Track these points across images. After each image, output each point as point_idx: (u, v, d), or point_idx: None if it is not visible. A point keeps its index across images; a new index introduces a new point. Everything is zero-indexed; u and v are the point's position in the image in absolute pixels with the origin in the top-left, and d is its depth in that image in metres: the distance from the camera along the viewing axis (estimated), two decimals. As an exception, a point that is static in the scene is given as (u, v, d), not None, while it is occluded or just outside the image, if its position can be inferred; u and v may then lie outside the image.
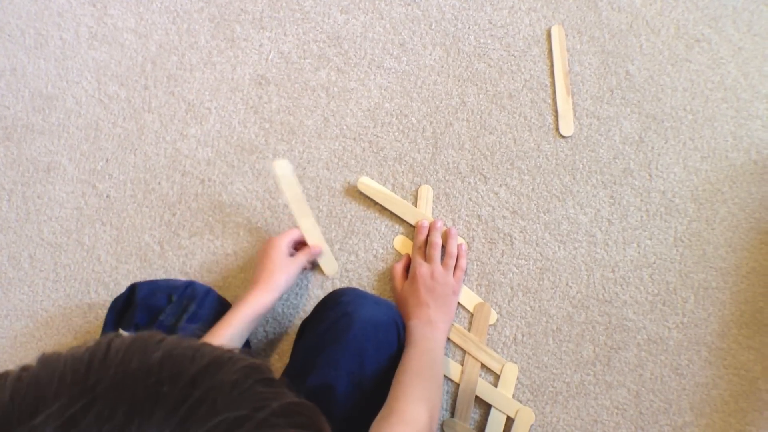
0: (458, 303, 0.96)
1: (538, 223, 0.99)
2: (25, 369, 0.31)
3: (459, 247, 0.97)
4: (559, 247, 0.98)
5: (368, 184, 1.00)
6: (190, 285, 0.87)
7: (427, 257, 0.96)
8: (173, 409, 0.29)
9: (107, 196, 1.02)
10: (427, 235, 0.97)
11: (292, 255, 0.92)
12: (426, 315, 0.89)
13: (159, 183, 1.02)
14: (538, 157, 1.00)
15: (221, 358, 0.33)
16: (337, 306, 0.83)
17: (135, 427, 0.28)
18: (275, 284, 0.86)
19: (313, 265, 0.98)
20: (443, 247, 0.97)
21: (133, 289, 0.84)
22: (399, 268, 0.96)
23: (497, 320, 0.96)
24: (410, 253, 0.98)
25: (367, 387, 0.79)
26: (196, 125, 1.03)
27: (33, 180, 1.04)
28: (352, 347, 0.79)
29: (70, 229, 1.02)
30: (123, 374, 0.29)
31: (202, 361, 0.32)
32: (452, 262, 0.96)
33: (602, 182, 1.00)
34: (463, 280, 0.97)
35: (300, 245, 0.95)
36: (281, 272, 0.87)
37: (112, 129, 1.05)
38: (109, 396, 0.28)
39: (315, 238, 0.94)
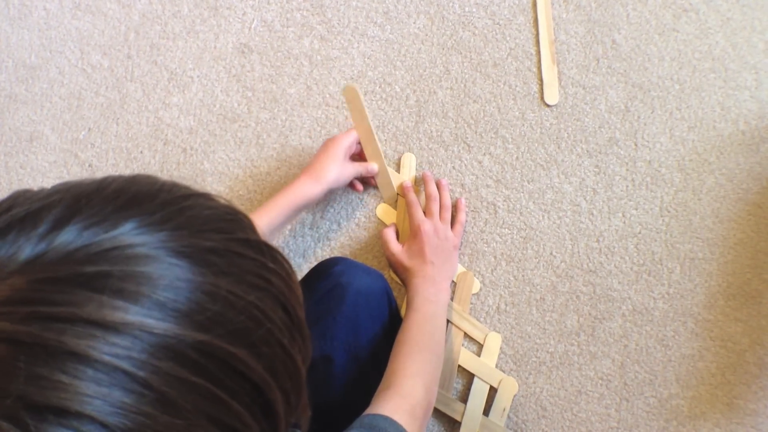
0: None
1: (522, 192, 0.98)
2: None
3: (458, 201, 0.96)
4: (543, 216, 0.97)
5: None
6: None
7: (426, 212, 0.93)
8: (166, 204, 0.35)
9: (89, 165, 1.02)
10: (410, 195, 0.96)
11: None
12: (430, 273, 0.88)
13: (141, 152, 1.02)
14: (523, 125, 0.99)
15: (217, 197, 0.39)
16: (330, 276, 0.82)
17: (131, 210, 0.34)
18: (325, 176, 0.86)
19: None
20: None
21: None
22: (391, 232, 0.94)
23: (480, 289, 0.95)
24: (395, 222, 0.97)
25: (362, 357, 0.79)
26: (178, 94, 1.03)
27: (16, 150, 1.03)
28: (346, 318, 0.78)
29: (51, 198, 1.01)
30: (132, 179, 0.37)
31: (196, 190, 0.38)
32: (449, 215, 0.94)
33: (587, 151, 0.98)
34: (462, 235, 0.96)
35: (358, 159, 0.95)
36: (334, 165, 0.87)
37: (95, 98, 1.04)
38: (119, 187, 0.35)
39: (378, 162, 0.94)
